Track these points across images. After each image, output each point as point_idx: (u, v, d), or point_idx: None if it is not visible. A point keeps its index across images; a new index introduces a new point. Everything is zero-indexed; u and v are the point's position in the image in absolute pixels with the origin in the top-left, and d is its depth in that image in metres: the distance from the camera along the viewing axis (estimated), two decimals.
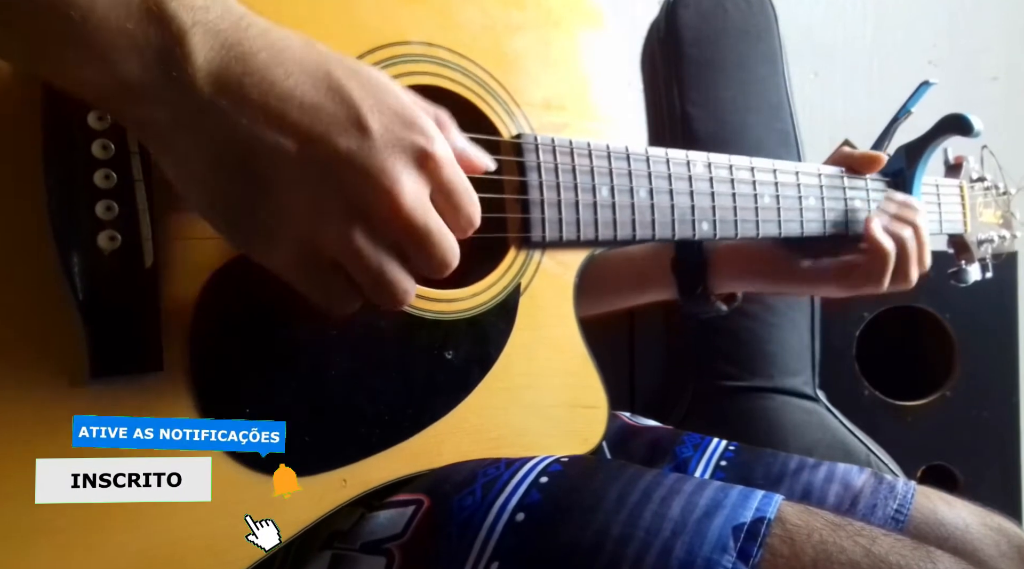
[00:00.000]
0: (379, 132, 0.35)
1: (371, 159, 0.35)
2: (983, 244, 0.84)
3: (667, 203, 0.57)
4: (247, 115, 0.33)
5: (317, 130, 0.34)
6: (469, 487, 0.47)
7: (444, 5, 0.51)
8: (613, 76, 0.61)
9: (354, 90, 0.35)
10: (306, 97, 0.34)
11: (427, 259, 0.38)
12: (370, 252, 0.37)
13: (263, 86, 0.34)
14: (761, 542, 0.41)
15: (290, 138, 0.34)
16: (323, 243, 0.36)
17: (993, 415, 1.27)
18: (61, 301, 0.37)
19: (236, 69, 0.33)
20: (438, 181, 0.38)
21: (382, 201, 0.36)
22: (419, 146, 0.36)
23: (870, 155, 0.71)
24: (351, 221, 0.36)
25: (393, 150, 0.36)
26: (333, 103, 0.35)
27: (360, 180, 0.35)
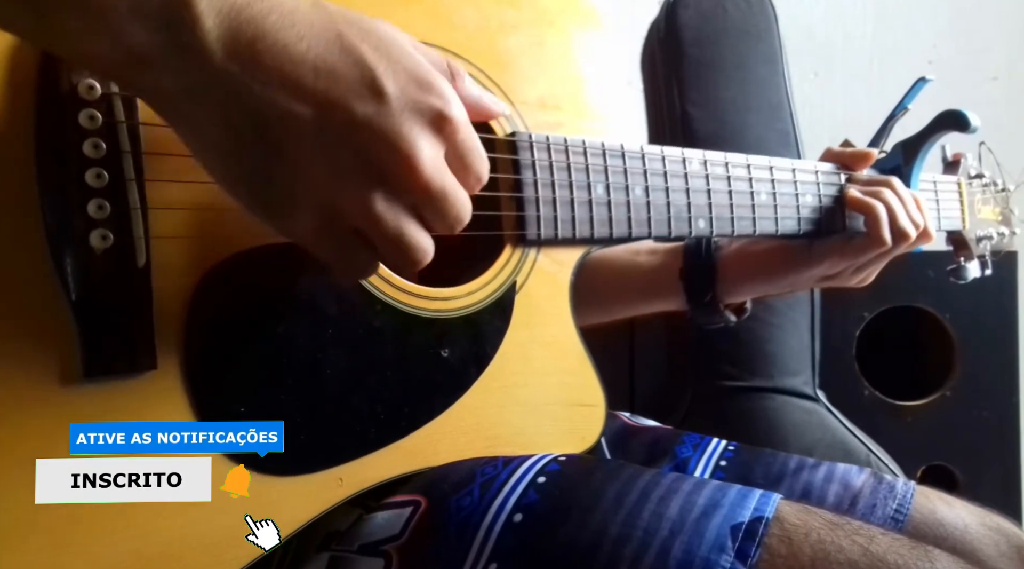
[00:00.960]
0: (395, 95, 0.35)
1: (388, 124, 0.35)
2: (982, 241, 0.83)
3: (663, 201, 0.57)
4: (260, 81, 0.33)
5: (333, 95, 0.34)
6: (467, 487, 0.47)
7: (439, 4, 0.51)
8: (608, 75, 0.60)
9: (367, 52, 0.35)
10: (320, 61, 0.33)
11: (443, 218, 0.38)
12: (390, 216, 0.36)
13: (275, 50, 0.33)
14: (759, 542, 0.41)
15: (306, 104, 0.33)
16: (342, 208, 0.35)
17: (993, 415, 1.27)
18: (53, 300, 0.37)
19: (247, 32, 0.32)
20: (453, 143, 0.37)
21: (401, 166, 0.35)
22: (436, 109, 0.36)
23: (862, 152, 0.71)
24: (370, 186, 0.35)
25: (410, 113, 0.35)
26: (347, 66, 0.34)
27: (378, 145, 0.35)
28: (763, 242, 0.71)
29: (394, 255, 0.38)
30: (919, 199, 0.69)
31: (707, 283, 0.72)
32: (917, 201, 0.68)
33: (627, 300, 0.78)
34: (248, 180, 0.35)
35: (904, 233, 0.66)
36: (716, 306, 0.73)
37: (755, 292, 0.74)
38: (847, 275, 0.71)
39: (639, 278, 0.76)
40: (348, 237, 0.37)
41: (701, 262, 0.72)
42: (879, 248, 0.66)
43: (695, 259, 0.73)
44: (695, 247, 0.73)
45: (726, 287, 0.73)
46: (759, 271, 0.72)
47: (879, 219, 0.66)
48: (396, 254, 0.38)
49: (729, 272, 0.72)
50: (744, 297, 0.75)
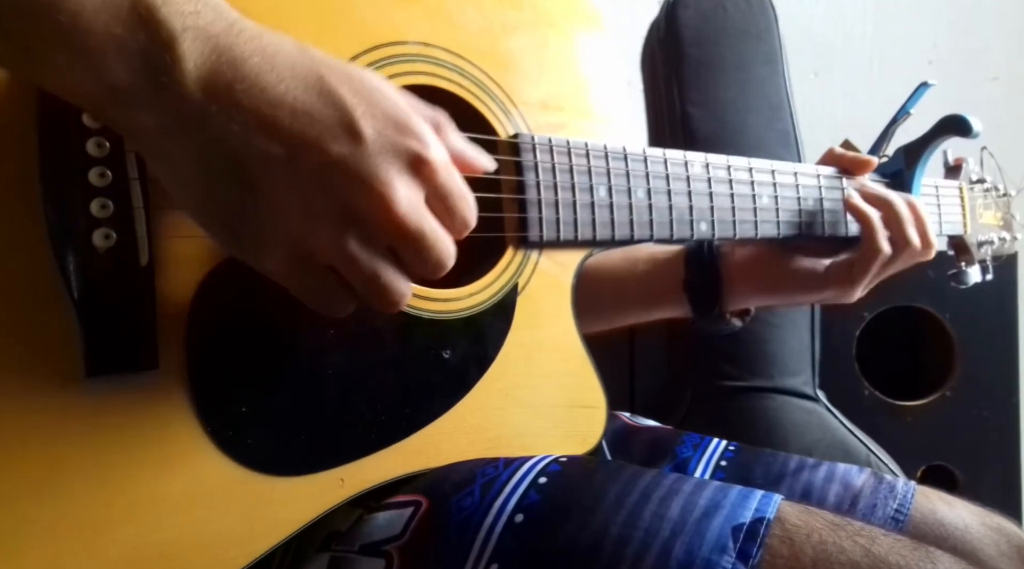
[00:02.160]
0: (372, 137, 0.35)
1: (363, 164, 0.35)
2: (983, 246, 0.83)
3: (665, 203, 0.57)
4: (238, 121, 0.33)
5: (309, 136, 0.34)
6: (468, 488, 0.47)
7: (441, 5, 0.51)
8: (610, 77, 0.60)
9: (346, 95, 0.35)
10: (297, 103, 0.34)
11: (422, 262, 0.38)
12: (364, 257, 0.36)
13: (254, 92, 0.33)
14: (760, 542, 0.41)
15: (281, 145, 0.34)
16: (316, 248, 0.36)
17: (993, 415, 1.27)
18: (56, 299, 0.37)
19: (227, 74, 0.33)
20: (433, 186, 0.38)
21: (375, 206, 0.35)
22: (413, 151, 0.36)
23: (861, 159, 0.71)
24: (344, 226, 0.35)
25: (386, 155, 0.35)
26: (325, 108, 0.35)
27: (353, 186, 0.35)
28: (771, 257, 0.71)
29: (369, 295, 0.38)
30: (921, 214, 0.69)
31: (713, 296, 0.72)
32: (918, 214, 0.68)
33: (628, 310, 0.78)
34: (223, 217, 0.36)
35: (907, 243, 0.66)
36: (722, 316, 0.73)
37: (763, 304, 0.75)
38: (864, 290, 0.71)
39: (640, 289, 0.76)
40: (322, 275, 0.37)
41: (706, 273, 0.72)
42: (876, 257, 0.67)
43: (699, 270, 0.72)
44: (697, 256, 0.73)
45: (732, 298, 0.73)
46: (768, 288, 0.72)
47: (874, 229, 0.66)
48: (371, 294, 0.38)
49: (735, 284, 0.72)
50: (749, 306, 0.75)
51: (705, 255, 0.73)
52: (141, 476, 0.39)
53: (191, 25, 0.32)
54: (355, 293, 0.39)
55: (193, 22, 0.33)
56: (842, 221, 0.70)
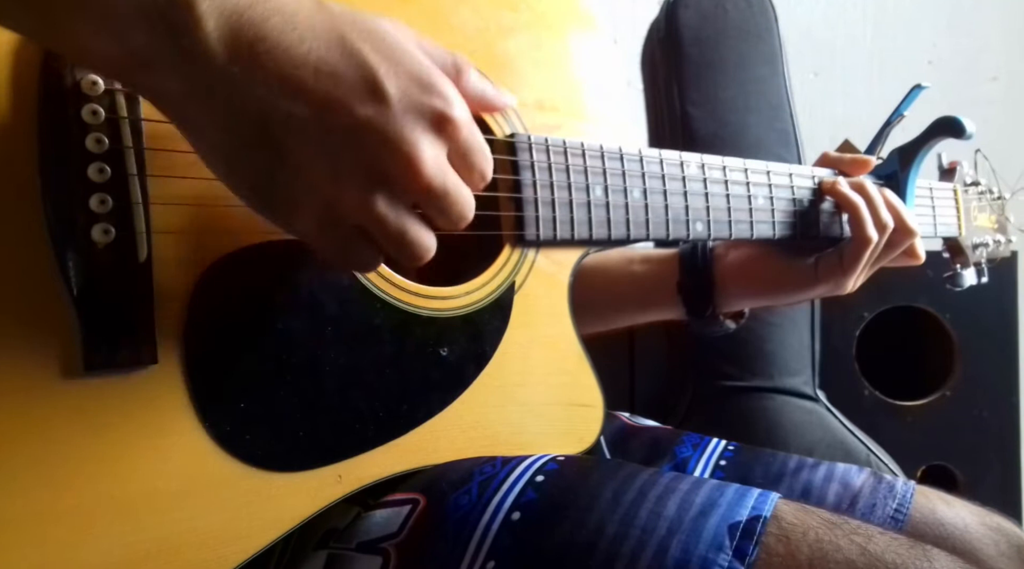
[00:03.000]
0: (396, 97, 0.35)
1: (389, 126, 0.35)
2: (978, 248, 0.84)
3: (661, 203, 0.57)
4: (261, 83, 0.33)
5: (334, 97, 0.34)
6: (465, 486, 0.47)
7: (437, 7, 0.51)
8: (605, 77, 0.61)
9: (369, 54, 0.35)
10: (321, 62, 0.34)
11: (446, 216, 0.38)
12: (392, 215, 0.36)
13: (276, 52, 0.33)
14: (757, 540, 0.41)
15: (306, 106, 0.34)
16: (344, 209, 0.36)
17: (993, 415, 1.27)
18: (55, 294, 0.37)
19: (248, 35, 0.32)
20: (455, 143, 0.38)
21: (402, 167, 0.35)
22: (437, 110, 0.36)
23: (859, 158, 0.71)
24: (372, 187, 0.36)
25: (411, 115, 0.35)
26: (349, 68, 0.34)
27: (379, 147, 0.35)
28: (764, 258, 0.71)
29: (397, 252, 0.38)
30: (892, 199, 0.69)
31: (706, 297, 0.72)
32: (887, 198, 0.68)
33: (623, 311, 0.79)
34: (252, 180, 0.35)
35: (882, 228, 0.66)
36: (716, 317, 0.73)
37: (755, 304, 0.75)
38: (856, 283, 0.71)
39: (634, 289, 0.76)
40: (351, 235, 0.37)
41: (699, 275, 0.72)
42: (867, 245, 0.66)
43: (692, 272, 0.73)
44: (691, 257, 0.73)
45: (726, 300, 0.73)
46: (761, 288, 0.72)
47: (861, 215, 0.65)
48: (399, 251, 0.38)
49: (729, 286, 0.72)
50: (743, 307, 0.75)
51: (699, 257, 0.73)
52: (139, 471, 0.39)
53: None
54: (383, 250, 0.39)
55: None
56: (837, 221, 0.70)
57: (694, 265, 0.73)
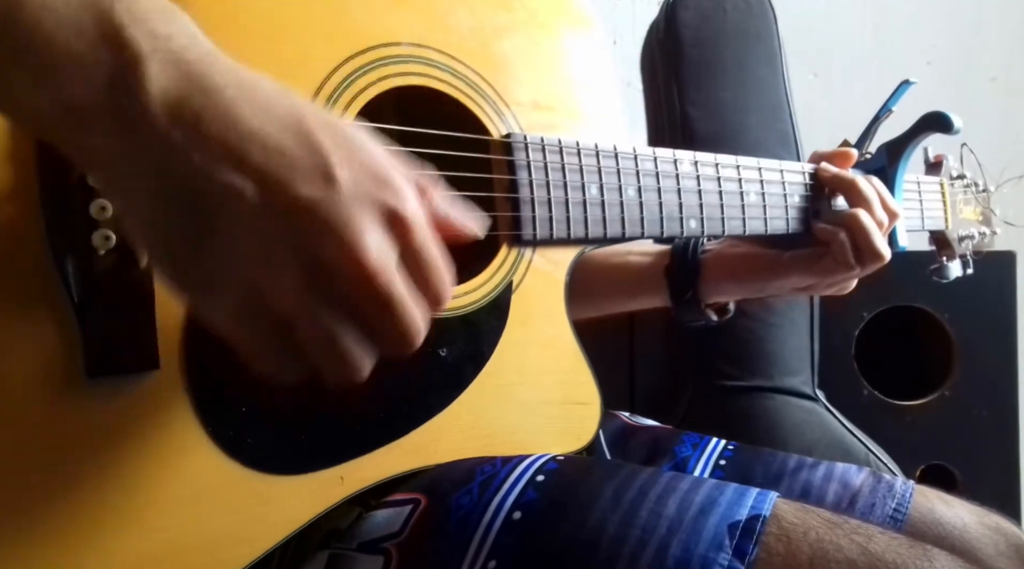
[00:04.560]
0: (347, 184, 0.32)
1: (334, 210, 0.32)
2: (964, 240, 0.85)
3: (655, 201, 0.58)
4: (203, 150, 0.31)
5: (279, 174, 0.31)
6: (466, 486, 0.47)
7: (432, 7, 0.51)
8: (600, 76, 0.61)
9: (325, 140, 0.32)
10: (271, 139, 0.32)
11: (388, 331, 0.34)
12: (323, 313, 0.32)
13: (226, 122, 0.31)
14: (757, 540, 0.41)
15: (247, 179, 0.31)
16: (271, 297, 0.32)
17: (992, 414, 1.27)
18: (56, 301, 0.37)
19: (196, 102, 0.31)
20: (407, 245, 0.34)
21: (343, 255, 0.32)
22: (389, 205, 0.33)
23: (841, 151, 0.71)
24: (306, 275, 0.32)
25: (361, 204, 0.32)
26: (300, 150, 0.32)
27: (321, 231, 0.32)
28: (743, 246, 0.72)
29: (323, 361, 0.34)
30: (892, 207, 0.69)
31: (689, 281, 0.73)
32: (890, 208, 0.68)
33: (615, 296, 0.79)
34: (172, 254, 0.32)
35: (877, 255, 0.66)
36: (697, 304, 0.73)
37: (731, 294, 0.75)
38: (820, 288, 0.72)
39: (628, 276, 0.77)
40: (273, 330, 0.33)
41: (686, 261, 0.73)
42: (847, 272, 0.67)
43: (681, 258, 0.74)
44: (683, 248, 0.74)
45: (707, 287, 0.73)
46: (735, 274, 0.73)
47: (843, 247, 0.66)
48: (325, 360, 0.34)
49: (710, 272, 0.73)
50: (724, 298, 0.75)
51: (690, 245, 0.74)
52: (142, 476, 0.39)
53: (161, 48, 0.31)
54: (307, 356, 0.34)
55: (164, 45, 0.31)
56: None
57: (684, 251, 0.73)
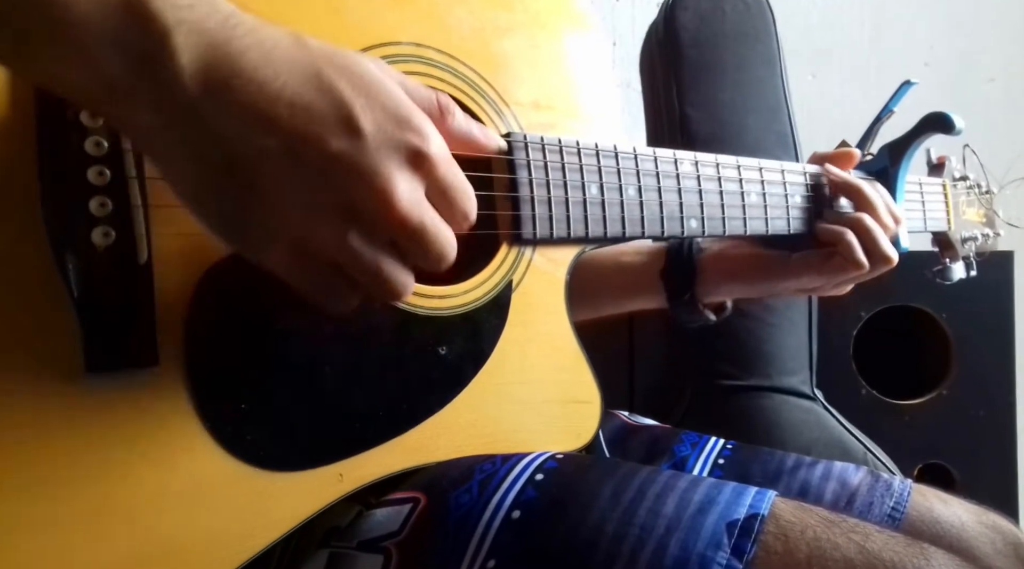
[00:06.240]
0: (371, 132, 0.35)
1: (363, 160, 0.35)
2: (967, 242, 0.84)
3: (655, 200, 0.58)
4: (235, 116, 0.33)
5: (307, 131, 0.34)
6: (466, 484, 0.47)
7: (433, 6, 0.51)
8: (599, 76, 0.61)
9: (345, 89, 0.35)
10: (296, 97, 0.34)
11: (424, 255, 0.38)
12: (366, 252, 0.36)
13: (251, 87, 0.33)
14: (755, 538, 0.42)
15: (279, 140, 0.33)
16: (318, 244, 0.36)
17: (989, 414, 1.27)
18: (56, 297, 0.38)
19: (223, 69, 0.32)
20: (433, 179, 0.37)
21: (376, 202, 0.35)
22: (413, 145, 0.36)
23: (844, 152, 0.71)
24: (345, 222, 0.35)
25: (386, 150, 0.35)
26: (323, 103, 0.34)
27: (352, 181, 0.35)
28: (745, 247, 0.72)
29: (372, 289, 0.38)
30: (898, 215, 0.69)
31: (686, 282, 0.73)
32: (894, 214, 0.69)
33: (611, 297, 0.79)
34: (222, 214, 0.35)
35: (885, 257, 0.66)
36: (695, 304, 0.73)
37: (733, 294, 0.75)
38: (827, 289, 0.72)
39: (623, 276, 0.77)
40: (325, 271, 0.37)
41: (682, 262, 0.73)
42: (857, 271, 0.67)
43: (677, 258, 0.74)
44: (678, 247, 0.74)
45: (705, 287, 0.73)
46: (737, 275, 0.73)
47: (851, 247, 0.66)
48: (374, 288, 0.38)
49: (709, 273, 0.73)
50: (722, 298, 0.75)
51: (684, 246, 0.74)
52: (141, 472, 0.39)
53: (185, 19, 0.32)
54: (359, 287, 0.38)
55: (188, 15, 0.32)
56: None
57: (679, 252, 0.73)
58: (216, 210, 0.35)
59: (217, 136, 0.33)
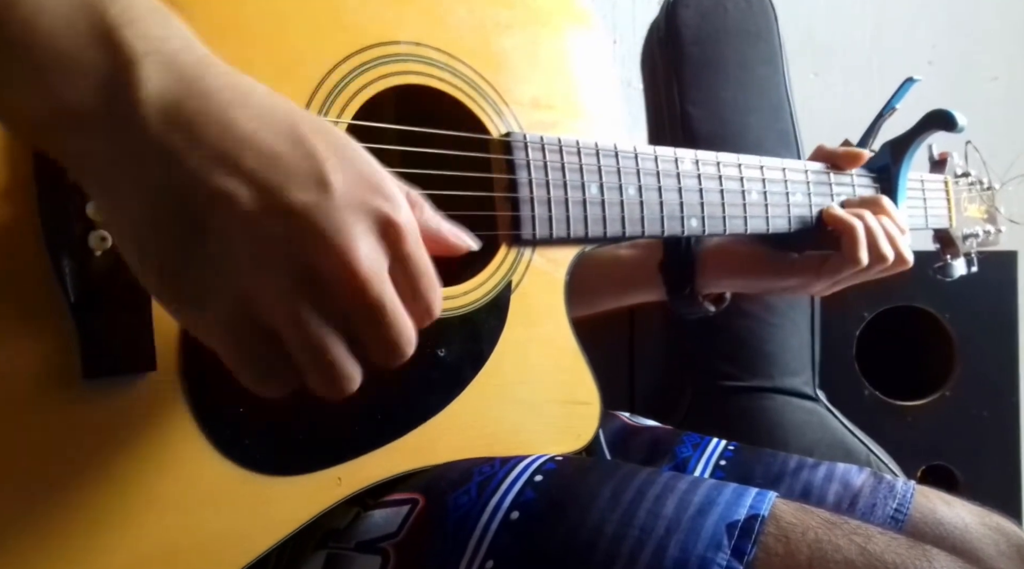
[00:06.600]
0: (340, 190, 0.32)
1: (328, 216, 0.31)
2: (968, 238, 0.84)
3: (656, 200, 0.58)
4: (198, 154, 0.30)
5: (273, 180, 0.31)
6: (464, 486, 0.47)
7: (432, 5, 0.51)
8: (601, 75, 0.61)
9: (319, 145, 0.32)
10: (265, 144, 0.31)
11: (378, 340, 0.34)
12: (313, 322, 0.32)
13: (221, 125, 0.31)
14: (755, 540, 0.41)
15: (241, 183, 0.31)
16: (261, 304, 0.32)
17: (993, 415, 1.27)
18: (52, 302, 0.37)
19: (191, 105, 0.31)
20: (399, 253, 0.34)
21: (334, 263, 0.32)
22: (383, 212, 0.33)
23: (852, 152, 0.71)
24: (298, 283, 0.32)
25: (353, 211, 0.32)
26: (295, 154, 0.32)
27: (314, 238, 0.31)
28: (744, 243, 0.72)
29: (313, 372, 0.33)
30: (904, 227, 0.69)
31: (686, 276, 0.73)
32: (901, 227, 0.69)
33: (608, 292, 0.79)
34: (161, 261, 0.32)
35: (881, 256, 0.67)
36: (695, 297, 0.73)
37: (731, 288, 0.76)
38: (825, 289, 0.72)
39: (619, 271, 0.77)
40: (263, 340, 0.33)
41: (681, 254, 0.73)
42: (854, 267, 0.67)
43: (675, 252, 0.73)
44: (676, 240, 0.74)
45: (705, 280, 0.73)
46: (736, 271, 0.73)
47: (856, 238, 0.66)
48: (315, 371, 0.33)
49: (709, 267, 0.73)
50: (722, 289, 0.75)
51: (683, 240, 0.73)
52: (139, 478, 0.39)
53: (156, 50, 0.31)
54: (297, 369, 0.34)
55: (159, 47, 0.31)
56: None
57: (676, 244, 0.73)
58: (154, 254, 0.32)
59: (174, 173, 0.30)
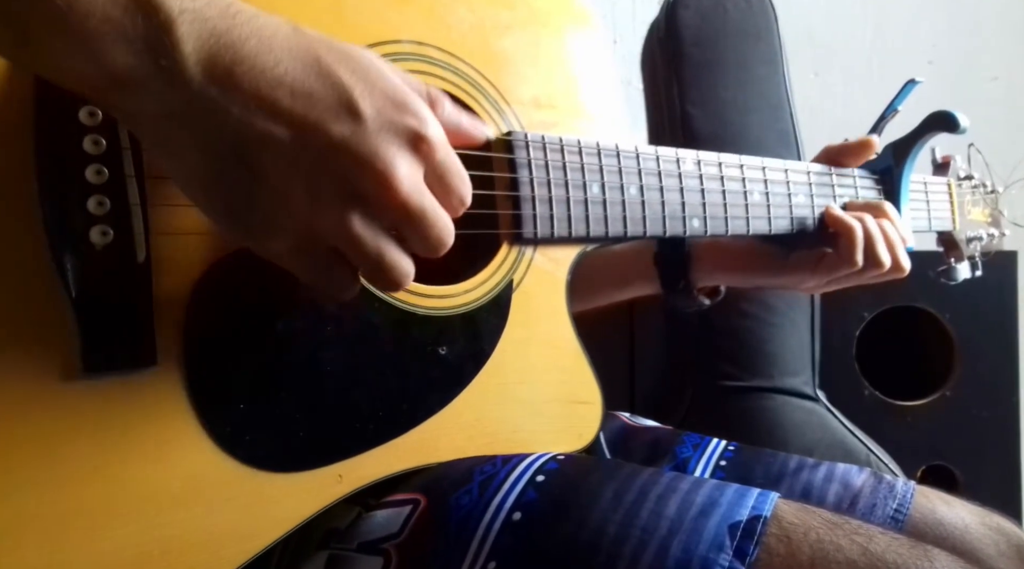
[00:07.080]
0: (371, 116, 0.35)
1: (364, 144, 0.35)
2: (972, 242, 0.84)
3: (657, 200, 0.57)
4: (238, 103, 0.33)
5: (310, 117, 0.34)
6: (466, 486, 0.47)
7: (434, 5, 0.51)
8: (601, 74, 0.61)
9: (344, 74, 0.35)
10: (297, 83, 0.34)
11: (424, 240, 0.38)
12: (368, 237, 0.37)
13: (253, 74, 0.33)
14: (757, 540, 0.41)
15: (283, 126, 0.34)
16: (321, 230, 0.36)
17: (993, 415, 1.27)
18: (54, 296, 0.37)
19: (225, 58, 0.33)
20: (432, 163, 0.38)
21: (378, 186, 0.35)
22: (412, 129, 0.36)
23: (862, 140, 0.71)
24: (348, 207, 0.36)
25: (386, 134, 0.36)
26: (324, 88, 0.35)
27: (355, 166, 0.35)
28: (741, 239, 0.72)
29: (374, 276, 0.38)
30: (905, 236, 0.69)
31: (681, 271, 0.73)
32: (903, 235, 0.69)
33: (604, 286, 0.79)
34: (228, 203, 0.36)
35: (878, 261, 0.67)
36: (690, 291, 0.74)
37: (727, 282, 0.76)
38: (819, 288, 0.73)
39: (615, 265, 0.78)
40: (327, 258, 0.38)
41: (675, 247, 0.73)
42: (849, 268, 0.67)
43: (669, 247, 0.74)
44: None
45: (700, 275, 0.74)
46: (732, 267, 0.73)
47: (854, 240, 0.66)
48: (376, 275, 0.38)
49: (704, 262, 0.73)
50: (716, 283, 0.76)
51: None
52: (139, 473, 0.39)
53: (188, 7, 0.32)
54: (359, 274, 0.39)
55: (190, 4, 0.32)
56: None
57: (672, 240, 0.73)
58: (221, 201, 0.36)
59: (222, 123, 0.33)
